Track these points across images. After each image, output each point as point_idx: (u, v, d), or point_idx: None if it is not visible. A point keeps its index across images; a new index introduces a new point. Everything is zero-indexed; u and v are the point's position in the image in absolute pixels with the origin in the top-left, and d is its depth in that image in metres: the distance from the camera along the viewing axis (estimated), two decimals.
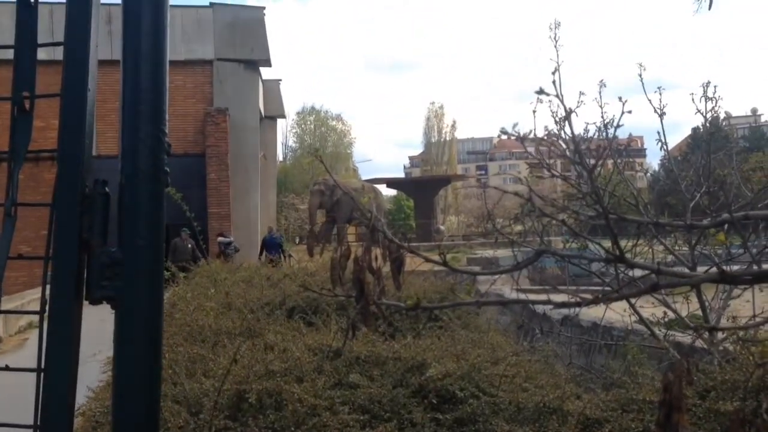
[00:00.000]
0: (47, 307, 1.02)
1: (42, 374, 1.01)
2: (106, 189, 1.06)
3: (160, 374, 1.07)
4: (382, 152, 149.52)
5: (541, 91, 2.12)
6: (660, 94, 5.34)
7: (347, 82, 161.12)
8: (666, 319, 6.67)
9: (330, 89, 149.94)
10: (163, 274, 1.08)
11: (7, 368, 1.09)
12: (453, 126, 71.96)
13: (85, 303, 1.07)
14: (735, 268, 4.61)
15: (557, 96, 2.21)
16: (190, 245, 18.44)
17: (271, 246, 21.10)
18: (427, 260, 1.69)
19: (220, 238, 20.39)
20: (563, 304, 1.55)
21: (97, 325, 2.01)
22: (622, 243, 2.06)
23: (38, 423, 1.01)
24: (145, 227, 1.04)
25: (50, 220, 1.03)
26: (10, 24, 1.06)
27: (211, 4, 24.30)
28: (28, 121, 1.05)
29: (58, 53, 1.02)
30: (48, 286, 1.05)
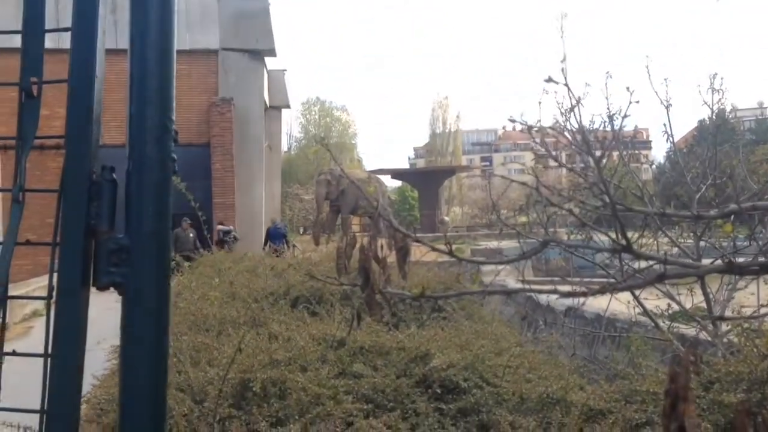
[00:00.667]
0: (54, 293, 1.03)
1: (49, 359, 1.01)
2: (114, 175, 1.06)
3: (167, 361, 1.08)
4: (383, 151, 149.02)
5: (549, 80, 2.12)
6: (666, 86, 5.32)
7: (347, 81, 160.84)
8: (670, 311, 6.67)
9: (331, 88, 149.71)
10: (170, 260, 1.08)
11: (14, 353, 1.09)
12: (458, 117, 71.69)
13: (92, 291, 1.07)
14: (740, 260, 4.60)
15: (565, 84, 2.21)
16: (192, 234, 18.45)
17: (276, 236, 21.11)
18: (434, 249, 1.69)
19: (219, 227, 20.18)
20: (570, 294, 1.55)
21: (102, 313, 2.01)
22: (628, 235, 2.05)
23: (45, 408, 1.01)
24: (152, 214, 1.04)
25: (58, 206, 1.03)
26: (15, 11, 1.06)
27: None
28: (35, 106, 1.05)
29: (63, 41, 1.02)
30: (55, 273, 1.05)
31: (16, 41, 1.05)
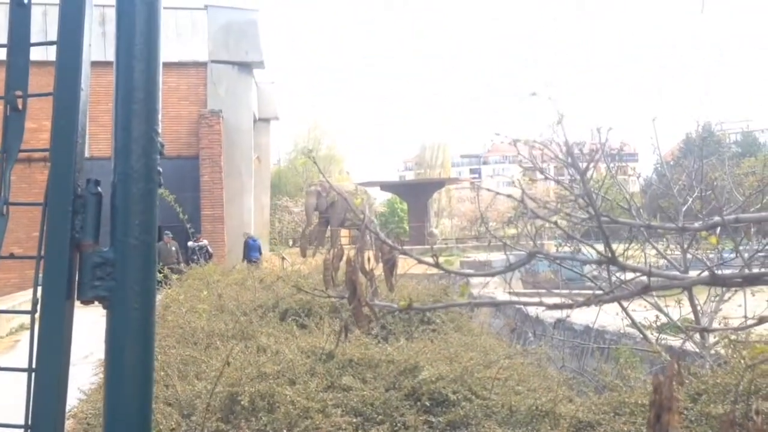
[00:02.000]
0: (39, 307, 1.02)
1: (33, 374, 1.01)
2: (99, 189, 1.05)
3: (152, 374, 1.07)
4: (377, 155, 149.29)
5: (534, 94, 2.14)
6: (658, 96, 5.37)
7: (346, 83, 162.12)
8: (658, 323, 6.69)
9: (330, 90, 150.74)
10: (155, 273, 1.08)
11: None
12: (447, 130, 71.94)
13: (78, 305, 1.06)
14: (727, 272, 4.62)
15: (550, 99, 2.23)
16: (173, 248, 18.36)
17: (253, 249, 21.09)
18: (420, 262, 1.70)
19: (190, 243, 19.19)
20: (556, 306, 1.55)
21: (90, 327, 2.00)
22: (615, 247, 2.07)
23: (29, 423, 1.01)
24: (137, 227, 1.04)
25: (42, 219, 1.02)
26: (2, 23, 1.06)
27: (206, 6, 24.27)
28: (20, 120, 1.05)
29: (50, 54, 1.02)
30: (39, 286, 1.05)
31: (2, 54, 1.06)
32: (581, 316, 9.53)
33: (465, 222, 52.58)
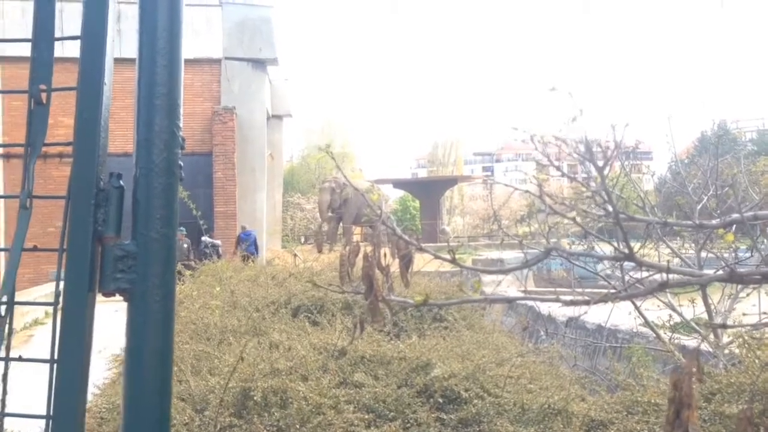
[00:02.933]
0: (61, 299, 1.03)
1: (55, 365, 1.02)
2: (121, 182, 1.06)
3: (171, 363, 1.08)
4: (388, 153, 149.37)
5: (553, 89, 2.14)
6: (670, 95, 5.33)
7: (360, 80, 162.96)
8: (671, 322, 6.65)
9: (343, 87, 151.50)
10: (175, 266, 1.09)
11: (20, 359, 1.09)
12: (460, 127, 71.91)
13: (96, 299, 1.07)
14: (742, 270, 4.58)
15: (569, 94, 2.23)
16: (186, 245, 18.42)
17: (248, 243, 20.98)
18: (436, 257, 1.70)
19: (205, 238, 19.35)
20: (572, 302, 1.55)
21: (104, 322, 2.01)
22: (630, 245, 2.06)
23: (51, 413, 1.02)
24: (158, 220, 1.05)
25: (65, 212, 1.03)
26: (20, 20, 1.07)
27: (220, 2, 24.34)
28: (44, 113, 1.06)
29: (66, 51, 1.03)
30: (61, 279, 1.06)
31: (22, 51, 1.06)
32: (594, 315, 9.50)
33: (477, 220, 52.43)
